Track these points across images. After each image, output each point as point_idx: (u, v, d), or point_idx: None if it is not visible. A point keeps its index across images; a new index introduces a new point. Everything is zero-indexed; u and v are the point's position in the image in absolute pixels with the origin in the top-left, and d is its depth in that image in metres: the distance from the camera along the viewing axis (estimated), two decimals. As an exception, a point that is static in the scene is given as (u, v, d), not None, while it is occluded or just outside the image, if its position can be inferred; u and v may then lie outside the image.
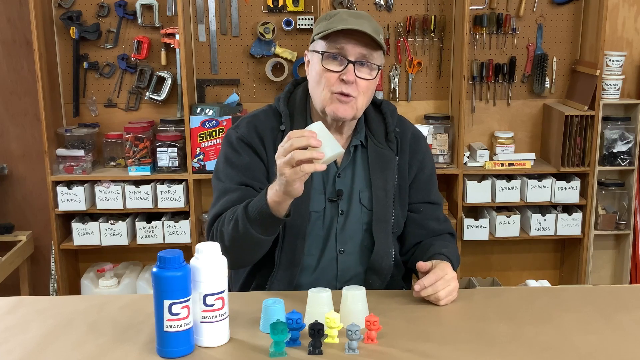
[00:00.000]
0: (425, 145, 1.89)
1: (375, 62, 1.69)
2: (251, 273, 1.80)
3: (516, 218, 3.41)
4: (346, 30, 1.64)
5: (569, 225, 3.43)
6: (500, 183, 3.37)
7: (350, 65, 1.65)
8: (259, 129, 1.77)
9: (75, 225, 3.28)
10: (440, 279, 1.58)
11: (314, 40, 1.73)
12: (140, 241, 3.31)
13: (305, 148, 1.43)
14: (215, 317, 1.36)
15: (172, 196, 3.26)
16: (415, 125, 1.93)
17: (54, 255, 3.38)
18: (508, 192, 3.38)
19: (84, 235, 3.28)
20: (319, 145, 1.43)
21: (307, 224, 1.71)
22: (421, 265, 1.62)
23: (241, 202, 1.66)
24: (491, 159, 3.43)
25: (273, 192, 1.53)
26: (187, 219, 3.31)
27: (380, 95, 3.45)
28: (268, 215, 1.55)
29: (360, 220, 1.76)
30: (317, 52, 1.70)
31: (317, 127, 1.49)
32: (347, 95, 1.67)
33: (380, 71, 1.72)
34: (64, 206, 3.25)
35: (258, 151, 1.76)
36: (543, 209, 3.48)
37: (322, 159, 1.44)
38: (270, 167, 1.74)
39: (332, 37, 1.66)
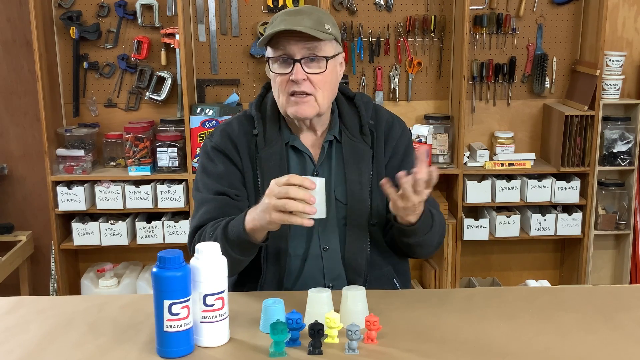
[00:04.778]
0: (400, 131, 1.84)
1: (324, 55, 1.67)
2: (240, 279, 1.80)
3: (516, 218, 3.41)
4: (285, 30, 1.62)
5: (569, 225, 3.43)
6: (500, 183, 3.37)
7: (297, 64, 1.65)
8: (232, 136, 1.78)
9: (75, 225, 3.28)
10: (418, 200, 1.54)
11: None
12: (140, 241, 3.31)
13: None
14: (215, 317, 1.37)
15: (172, 196, 3.26)
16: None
17: (54, 255, 3.38)
18: (508, 192, 3.38)
19: (84, 235, 3.28)
20: (313, 203, 1.46)
21: (289, 225, 1.67)
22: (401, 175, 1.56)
23: (217, 212, 1.69)
24: (491, 159, 3.43)
25: (251, 219, 1.56)
26: (187, 219, 3.30)
27: (380, 95, 3.45)
28: (245, 241, 1.58)
29: (337, 216, 1.76)
30: (267, 59, 1.71)
31: (319, 183, 1.50)
32: (302, 93, 1.66)
33: (334, 61, 1.70)
34: (64, 206, 3.25)
35: (232, 158, 1.77)
36: (543, 209, 3.48)
37: (312, 214, 1.45)
38: (245, 173, 1.76)
39: (274, 40, 1.66)
